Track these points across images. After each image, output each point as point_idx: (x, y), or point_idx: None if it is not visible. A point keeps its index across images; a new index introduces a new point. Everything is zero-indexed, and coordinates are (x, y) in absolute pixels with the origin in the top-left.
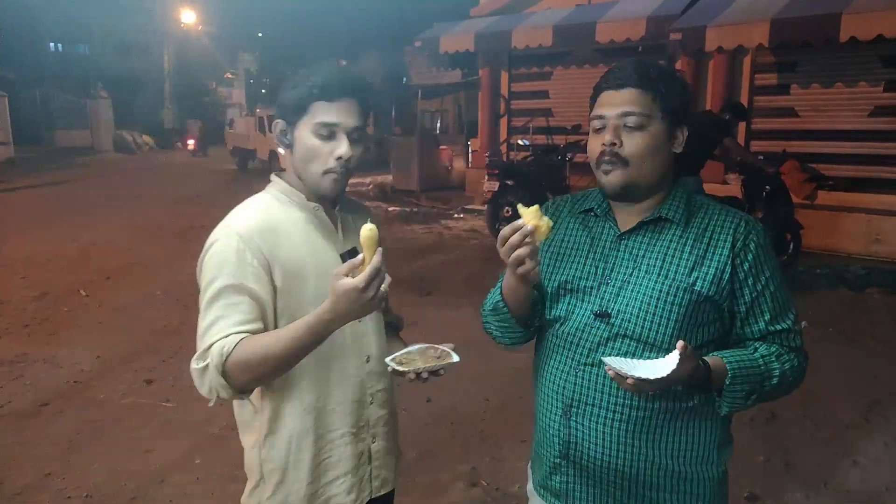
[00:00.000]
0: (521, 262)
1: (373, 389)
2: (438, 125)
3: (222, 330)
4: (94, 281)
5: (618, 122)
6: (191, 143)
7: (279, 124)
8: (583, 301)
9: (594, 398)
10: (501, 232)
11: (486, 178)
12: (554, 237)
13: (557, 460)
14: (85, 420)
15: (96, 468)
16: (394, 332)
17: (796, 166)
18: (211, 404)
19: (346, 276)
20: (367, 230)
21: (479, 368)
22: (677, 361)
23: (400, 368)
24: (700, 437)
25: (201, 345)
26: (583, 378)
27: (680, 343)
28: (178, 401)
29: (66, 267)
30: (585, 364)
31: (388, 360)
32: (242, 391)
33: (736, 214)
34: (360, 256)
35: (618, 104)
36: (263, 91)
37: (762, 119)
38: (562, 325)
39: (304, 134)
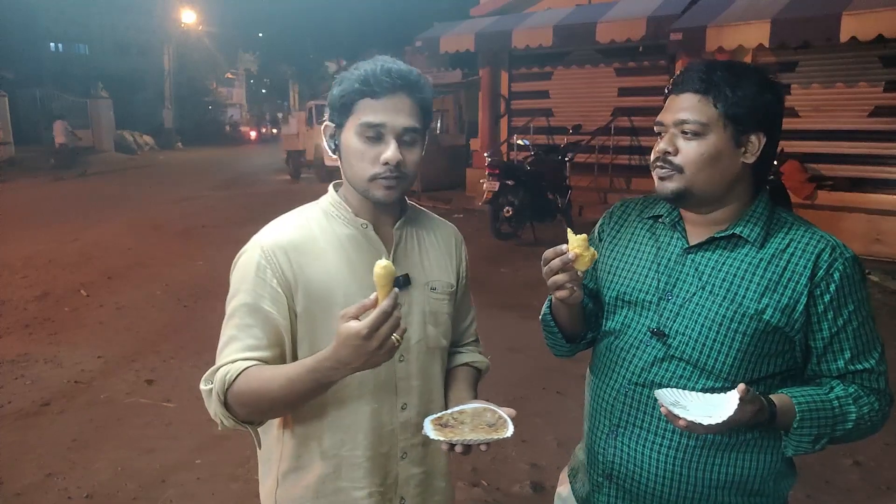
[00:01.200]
0: (558, 287)
1: (406, 443)
2: (439, 125)
3: (232, 353)
4: (95, 281)
5: (675, 129)
6: (253, 134)
7: (329, 128)
8: (640, 316)
9: (643, 421)
10: (545, 253)
11: (487, 178)
12: (618, 243)
13: (601, 479)
14: (86, 420)
15: (98, 468)
16: (468, 377)
17: (797, 166)
18: (220, 428)
19: (355, 318)
20: (380, 267)
21: None
22: (736, 407)
23: (436, 437)
24: (756, 469)
25: (216, 364)
26: (633, 398)
27: (741, 387)
28: (180, 401)
29: (67, 266)
30: (637, 384)
31: (428, 419)
32: (248, 422)
33: (822, 238)
34: (372, 296)
35: (675, 110)
36: (264, 91)
37: None
38: (616, 338)
39: (350, 136)
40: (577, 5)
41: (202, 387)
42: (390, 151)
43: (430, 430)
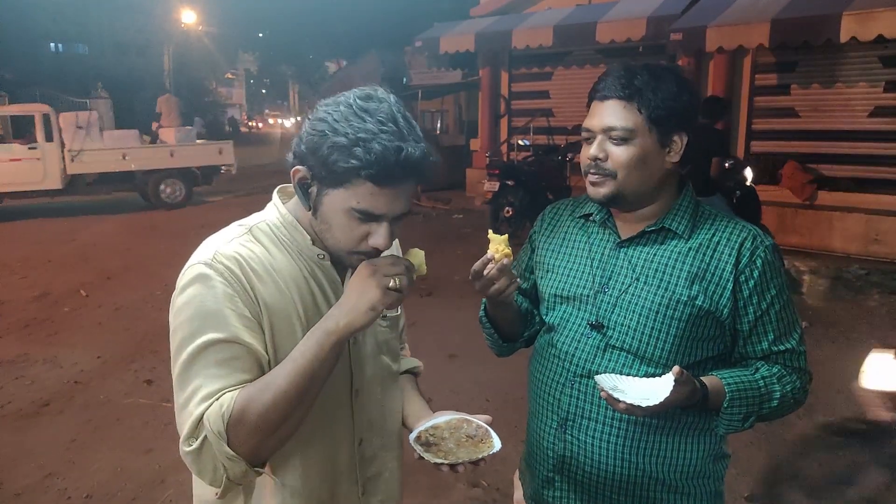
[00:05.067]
0: (503, 291)
1: (363, 478)
2: (439, 125)
3: (213, 392)
4: (94, 281)
5: (603, 135)
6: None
7: (300, 172)
8: (578, 310)
9: (590, 412)
10: (474, 268)
11: (487, 178)
12: (552, 243)
13: (550, 475)
14: (85, 420)
15: (97, 468)
16: (414, 386)
17: (797, 167)
18: (219, 495)
19: None
20: (418, 251)
21: (480, 369)
22: (671, 388)
23: (434, 460)
24: (697, 451)
25: (186, 419)
26: (578, 391)
27: (675, 368)
28: None
29: (66, 267)
30: (581, 376)
31: (412, 440)
32: (253, 462)
33: (744, 228)
34: None
35: (602, 117)
36: (264, 91)
37: (762, 119)
38: (556, 334)
39: (336, 208)
40: (577, 5)
41: (185, 450)
42: (383, 240)
43: (422, 451)
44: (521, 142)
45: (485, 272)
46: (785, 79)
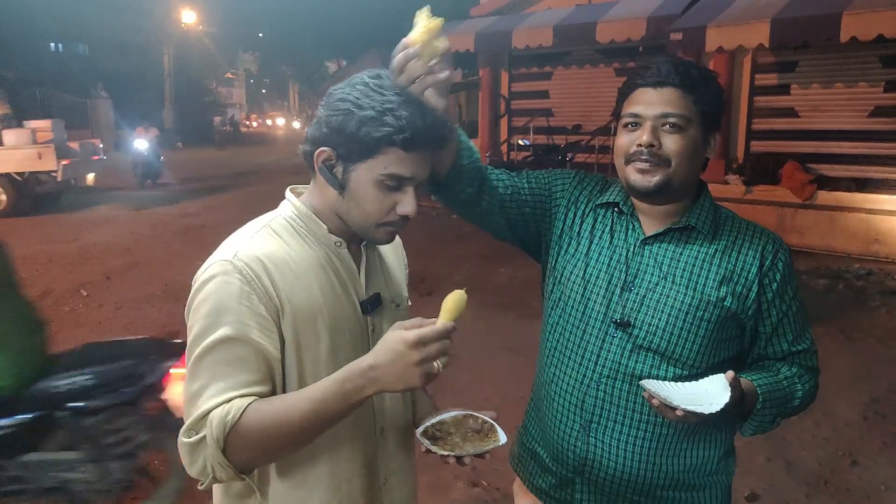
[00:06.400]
0: (411, 81)
1: (386, 470)
2: None
3: (222, 392)
4: (94, 281)
5: (656, 122)
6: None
7: (324, 153)
8: (602, 306)
9: (617, 414)
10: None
11: None
12: (573, 221)
13: (570, 475)
14: None
15: None
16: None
17: (797, 167)
18: (203, 487)
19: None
20: (457, 294)
21: (481, 368)
22: (728, 394)
23: (441, 452)
24: (713, 448)
25: (192, 412)
26: (604, 392)
27: (730, 373)
28: None
29: (66, 266)
30: (607, 377)
31: (419, 433)
32: (243, 470)
33: (763, 231)
34: (431, 320)
35: (657, 103)
36: (264, 91)
37: (762, 119)
38: (578, 332)
39: (365, 180)
40: (577, 5)
41: (184, 440)
42: (411, 206)
43: (429, 444)
44: (521, 142)
45: (396, 57)
46: (785, 79)
